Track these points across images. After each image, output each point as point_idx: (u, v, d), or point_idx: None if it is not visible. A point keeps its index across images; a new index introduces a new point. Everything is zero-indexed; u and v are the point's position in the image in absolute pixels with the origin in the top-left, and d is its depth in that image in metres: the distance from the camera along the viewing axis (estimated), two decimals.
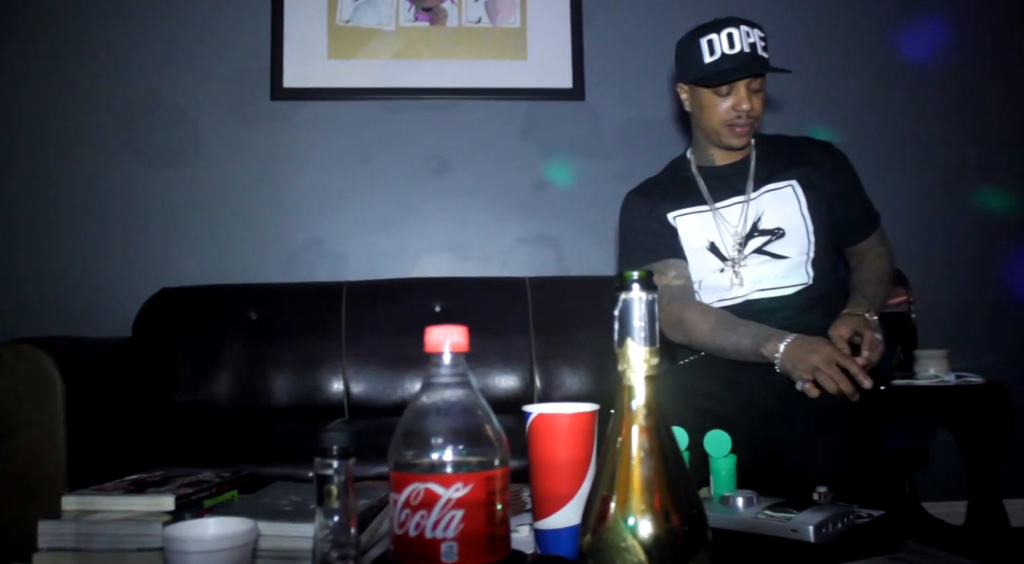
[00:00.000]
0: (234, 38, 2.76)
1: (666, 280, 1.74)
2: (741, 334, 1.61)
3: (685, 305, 1.71)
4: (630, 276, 0.64)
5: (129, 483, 1.09)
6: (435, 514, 0.65)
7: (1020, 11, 3.00)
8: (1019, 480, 2.74)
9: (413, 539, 0.66)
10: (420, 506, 0.66)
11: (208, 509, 1.04)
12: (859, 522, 0.99)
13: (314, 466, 0.74)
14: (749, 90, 1.67)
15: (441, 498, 0.65)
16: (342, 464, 0.73)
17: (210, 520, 0.81)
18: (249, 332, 2.47)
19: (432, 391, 0.69)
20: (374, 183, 2.77)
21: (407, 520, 0.66)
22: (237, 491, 1.14)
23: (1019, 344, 2.88)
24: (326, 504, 0.73)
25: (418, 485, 0.66)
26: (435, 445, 0.67)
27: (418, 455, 0.67)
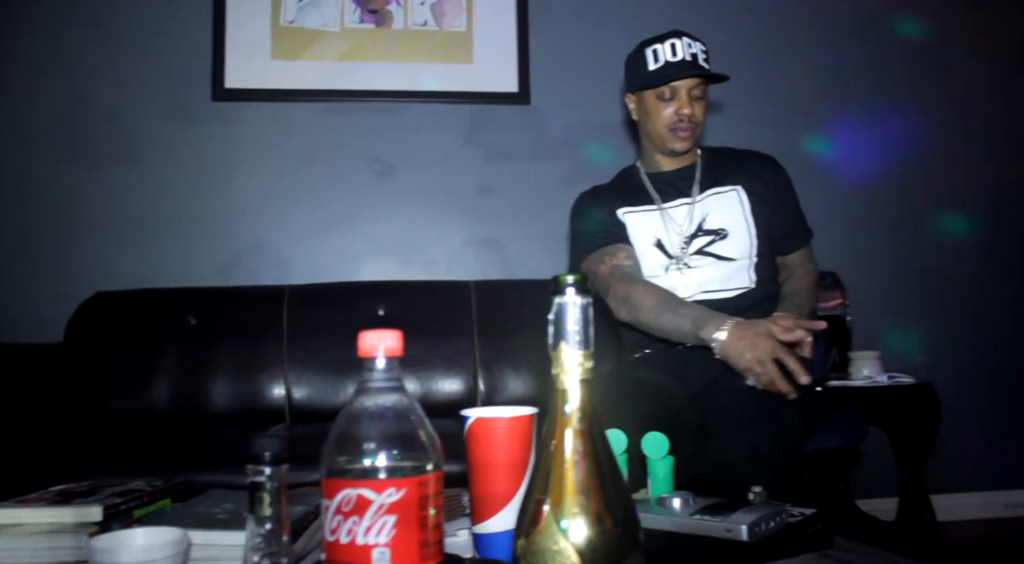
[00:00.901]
0: (174, 37, 2.70)
1: (616, 260, 1.78)
2: (682, 315, 1.64)
3: (633, 283, 1.74)
4: (564, 280, 0.64)
5: (55, 494, 1.05)
6: (367, 520, 0.64)
7: (960, 39, 3.10)
8: (945, 476, 2.83)
9: (344, 546, 0.65)
10: (352, 512, 0.65)
11: (138, 519, 1.02)
12: (791, 521, 1.01)
13: (246, 473, 0.73)
14: (691, 96, 1.76)
15: (373, 504, 0.65)
16: (274, 470, 0.72)
17: (139, 530, 0.79)
18: (188, 337, 2.42)
19: (366, 396, 0.69)
20: (318, 186, 2.74)
21: (339, 526, 0.65)
22: (170, 500, 1.12)
23: (945, 345, 2.98)
24: (258, 511, 0.72)
25: (350, 491, 0.65)
26: (367, 450, 0.66)
27: (350, 461, 0.66)
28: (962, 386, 2.89)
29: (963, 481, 2.94)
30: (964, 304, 3.03)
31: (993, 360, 3.01)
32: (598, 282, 1.80)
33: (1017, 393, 3.01)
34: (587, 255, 1.83)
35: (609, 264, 1.78)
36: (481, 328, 2.49)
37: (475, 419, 0.95)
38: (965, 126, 3.08)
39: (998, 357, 3.02)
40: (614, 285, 1.75)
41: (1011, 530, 2.83)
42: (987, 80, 3.11)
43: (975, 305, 3.03)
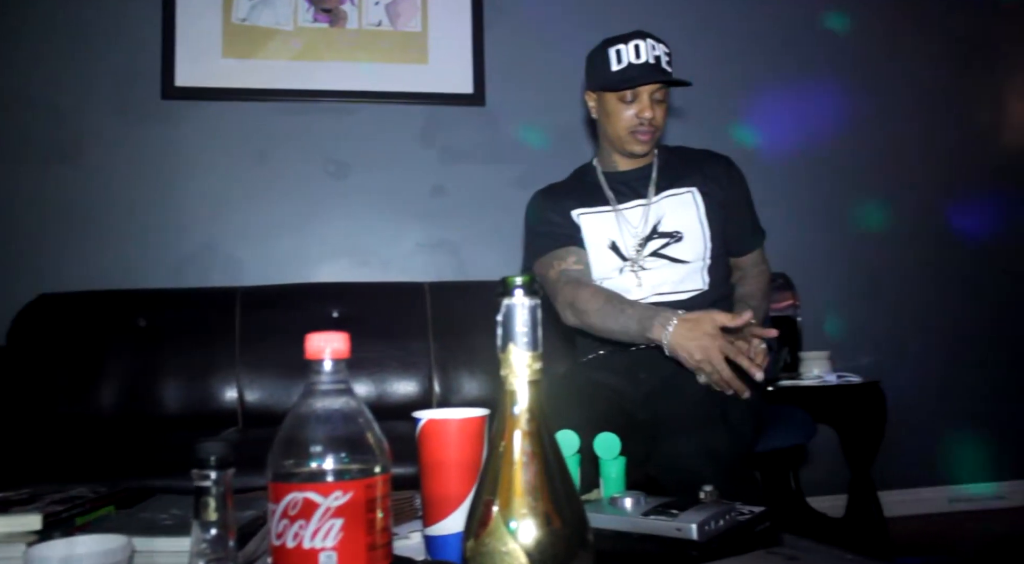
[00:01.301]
0: (122, 33, 2.64)
1: (565, 265, 1.78)
2: (628, 315, 1.64)
3: (579, 286, 1.74)
4: (512, 282, 0.64)
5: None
6: (314, 523, 0.64)
7: (898, 35, 3.18)
8: (892, 473, 2.90)
9: (291, 550, 0.64)
10: (298, 516, 0.64)
11: (81, 527, 0.99)
12: (740, 519, 1.02)
13: (192, 477, 0.72)
14: (652, 100, 1.75)
15: (320, 507, 0.64)
16: (220, 474, 0.71)
17: (79, 538, 0.77)
18: (137, 339, 2.38)
19: (313, 398, 0.68)
20: (271, 186, 2.71)
21: (285, 531, 0.64)
22: (114, 506, 1.09)
23: (892, 345, 3.05)
24: (203, 516, 0.71)
25: (296, 495, 0.64)
26: (314, 453, 0.65)
27: (297, 464, 0.65)
28: (908, 385, 2.96)
29: (909, 477, 3.01)
30: (911, 305, 3.10)
31: (938, 359, 3.09)
32: (547, 286, 1.79)
33: (960, 391, 3.10)
34: (538, 258, 1.83)
35: (558, 268, 1.78)
36: (436, 330, 2.48)
37: (427, 421, 0.95)
38: (918, 124, 3.16)
39: (943, 356, 3.10)
40: (561, 290, 1.75)
41: (954, 524, 2.91)
42: (938, 78, 3.19)
43: (922, 306, 3.11)
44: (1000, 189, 3.22)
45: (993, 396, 3.11)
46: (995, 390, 3.12)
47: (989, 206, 3.20)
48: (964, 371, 3.11)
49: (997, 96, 3.26)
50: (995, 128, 3.25)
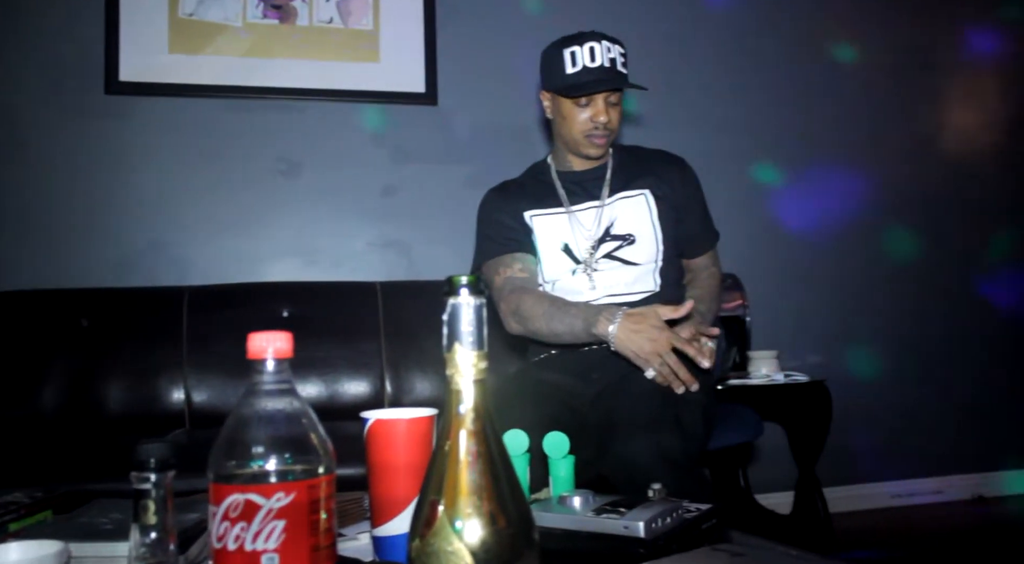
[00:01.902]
0: (65, 28, 2.57)
1: (511, 272, 1.78)
2: (572, 315, 1.65)
3: (523, 293, 1.74)
4: (458, 281, 0.64)
5: None
6: (255, 525, 0.63)
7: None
8: (837, 470, 2.97)
9: (232, 553, 0.63)
10: (240, 518, 0.63)
11: (15, 533, 0.96)
12: (687, 517, 1.04)
13: (131, 480, 0.70)
14: (607, 103, 1.74)
15: (262, 509, 0.63)
16: (160, 477, 0.70)
17: (12, 544, 0.75)
18: (80, 340, 2.32)
19: (255, 399, 0.67)
20: (220, 184, 2.66)
21: (226, 533, 0.63)
22: (51, 511, 1.06)
23: (837, 345, 3.12)
24: (143, 520, 0.69)
25: (238, 496, 0.63)
26: (256, 454, 0.64)
27: (239, 465, 0.65)
28: (853, 383, 3.03)
29: (853, 474, 3.08)
30: (857, 305, 3.17)
31: (881, 359, 3.17)
32: (492, 292, 1.79)
33: (901, 389, 3.18)
34: (485, 261, 1.83)
35: (503, 275, 1.78)
36: (388, 329, 2.47)
37: (374, 421, 0.94)
38: (850, 128, 3.23)
39: (886, 356, 3.18)
40: (505, 298, 1.75)
41: (896, 518, 2.99)
42: (881, 81, 3.27)
43: (867, 306, 3.18)
44: (944, 190, 3.31)
45: (932, 394, 3.20)
46: (934, 389, 3.21)
47: (934, 208, 3.29)
48: (905, 370, 3.19)
49: (936, 99, 3.35)
50: (940, 131, 3.34)
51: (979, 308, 3.30)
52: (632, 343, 1.55)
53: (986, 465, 3.24)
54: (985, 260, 3.33)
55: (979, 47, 3.38)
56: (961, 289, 3.29)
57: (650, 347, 1.53)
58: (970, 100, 3.38)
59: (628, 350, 1.56)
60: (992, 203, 3.36)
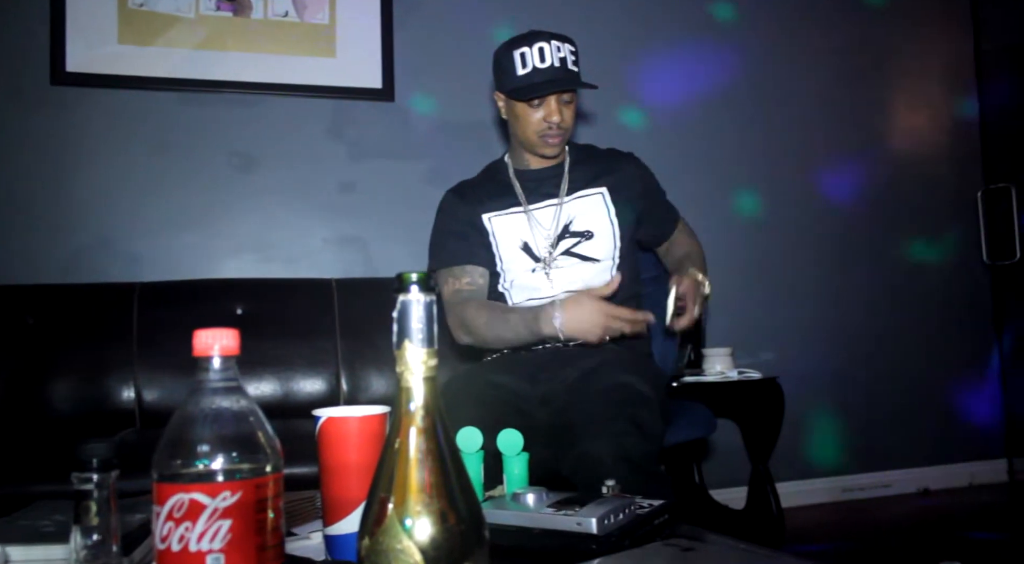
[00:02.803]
0: (8, 14, 2.50)
1: (459, 285, 1.80)
2: (513, 322, 1.69)
3: (466, 305, 1.76)
4: (408, 278, 0.64)
5: None
6: (200, 525, 0.62)
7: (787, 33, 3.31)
8: (791, 465, 3.02)
9: (176, 553, 0.62)
10: (184, 518, 0.62)
11: None
12: (640, 512, 1.04)
13: (71, 481, 0.69)
14: (560, 103, 1.74)
15: (207, 508, 0.62)
16: (103, 477, 0.69)
17: None
18: (25, 337, 2.27)
19: (201, 397, 0.66)
20: (171, 179, 2.61)
21: (170, 533, 0.62)
22: None
23: (791, 341, 3.17)
24: (84, 521, 0.68)
25: (182, 496, 0.62)
26: (201, 453, 0.63)
27: (184, 464, 0.63)
28: (804, 380, 3.09)
29: (805, 469, 3.14)
30: (810, 302, 3.23)
31: (832, 354, 3.23)
32: (443, 301, 1.81)
33: (852, 385, 3.24)
34: (438, 269, 1.84)
35: (452, 287, 1.79)
36: (344, 327, 2.45)
37: (326, 419, 0.94)
38: (821, 119, 3.29)
39: (836, 351, 3.24)
40: (452, 310, 1.77)
41: (847, 512, 3.05)
42: (824, 76, 3.33)
43: (819, 304, 3.24)
44: (903, 188, 3.38)
45: (881, 390, 3.28)
46: (883, 384, 3.28)
47: (892, 207, 3.35)
48: (856, 365, 3.26)
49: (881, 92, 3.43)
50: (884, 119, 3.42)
51: (932, 301, 3.38)
52: (578, 331, 1.61)
53: (932, 459, 3.32)
54: (935, 250, 3.41)
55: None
56: (909, 284, 3.36)
57: (600, 331, 1.59)
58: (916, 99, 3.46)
59: (577, 337, 1.62)
60: (947, 193, 3.44)
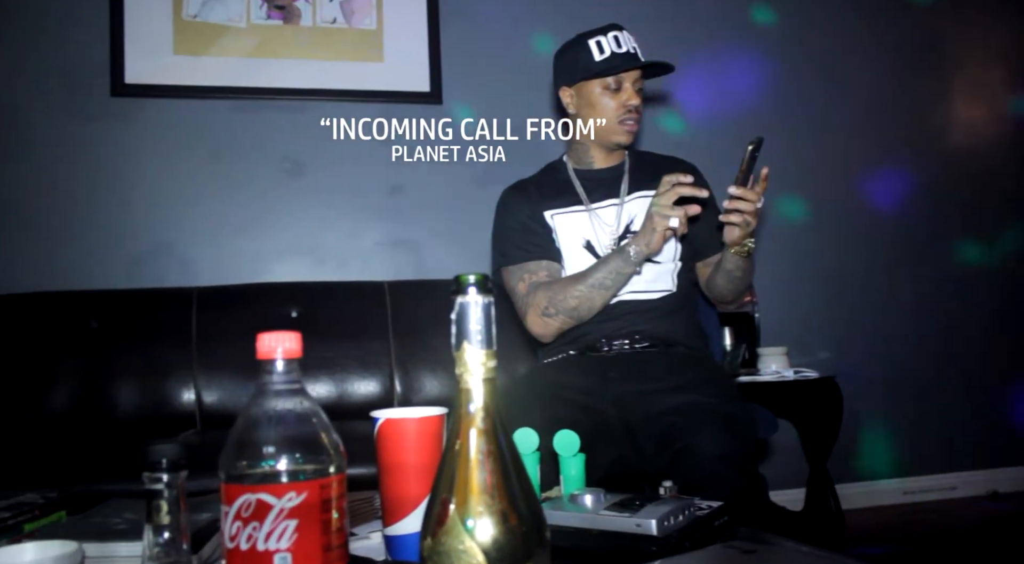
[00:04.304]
0: (70, 30, 2.58)
1: (537, 278, 1.78)
2: (598, 267, 1.68)
3: (548, 286, 1.74)
4: (466, 280, 0.64)
5: None
6: (267, 525, 0.63)
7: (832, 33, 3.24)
8: (849, 466, 2.95)
9: (245, 552, 0.63)
10: (252, 518, 0.63)
11: (29, 533, 0.97)
12: (699, 514, 1.03)
13: (143, 481, 0.70)
14: (634, 89, 1.76)
15: (273, 508, 0.63)
16: (172, 477, 0.70)
17: (27, 545, 0.75)
18: (90, 341, 2.33)
19: (265, 399, 0.67)
20: (226, 185, 2.67)
21: (238, 533, 0.63)
22: (65, 512, 1.06)
23: (847, 341, 3.11)
24: (155, 520, 0.70)
25: (249, 496, 0.63)
26: (267, 454, 0.64)
27: (250, 465, 0.65)
28: (863, 379, 3.02)
29: (865, 470, 3.07)
30: (867, 300, 3.16)
31: (891, 354, 3.15)
32: (515, 299, 1.79)
33: (912, 385, 3.16)
34: (507, 266, 1.82)
35: (528, 282, 1.77)
36: (396, 329, 2.47)
37: (384, 420, 0.94)
38: (868, 119, 3.22)
39: (895, 351, 3.16)
40: (530, 300, 1.75)
41: (908, 514, 2.97)
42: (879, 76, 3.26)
43: (877, 301, 3.17)
44: (957, 188, 3.29)
45: (945, 389, 3.19)
46: (946, 383, 3.19)
47: (946, 207, 3.27)
48: (916, 365, 3.17)
49: (943, 93, 3.34)
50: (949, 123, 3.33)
51: (994, 301, 3.28)
52: (647, 244, 1.61)
53: (1001, 460, 3.22)
54: (998, 251, 3.31)
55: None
56: (974, 282, 3.27)
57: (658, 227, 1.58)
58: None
59: (652, 248, 1.61)
60: (1003, 192, 3.34)
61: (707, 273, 1.85)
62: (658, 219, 1.58)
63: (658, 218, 1.58)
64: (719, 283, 1.77)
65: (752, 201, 1.57)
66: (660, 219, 1.58)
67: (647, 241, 1.61)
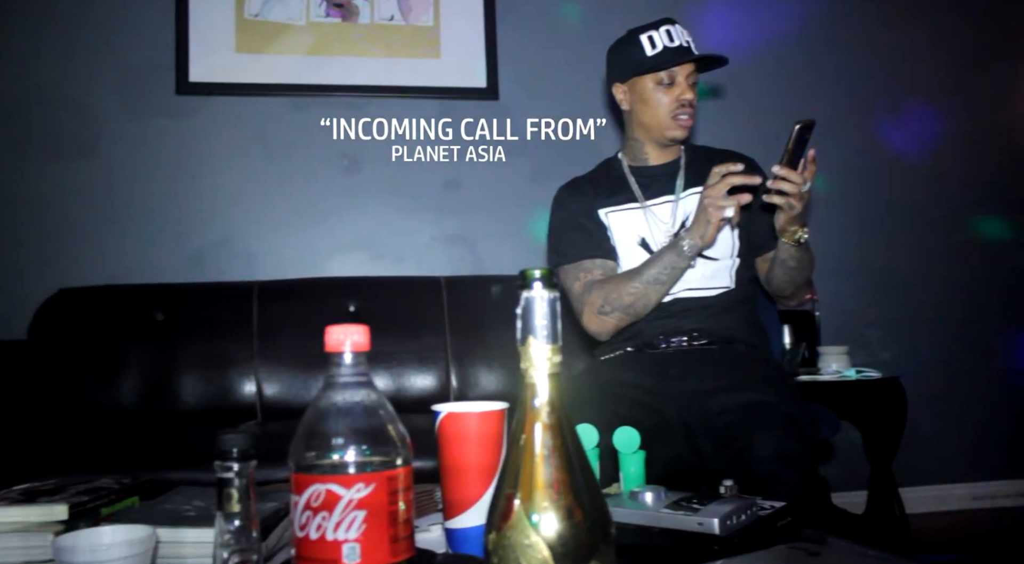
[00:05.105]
0: (136, 30, 2.66)
1: (592, 277, 1.77)
2: (658, 258, 1.67)
3: (603, 283, 1.74)
4: (532, 274, 0.64)
5: (18, 493, 1.03)
6: (336, 515, 0.64)
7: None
8: (913, 469, 2.88)
9: (314, 541, 0.64)
10: (321, 507, 0.64)
11: (106, 517, 1.00)
12: (762, 514, 1.02)
13: (214, 469, 0.72)
14: (688, 83, 1.74)
15: (342, 499, 0.64)
16: (243, 466, 0.72)
17: (105, 528, 0.78)
18: (155, 333, 2.39)
19: (333, 391, 0.68)
20: (284, 181, 2.72)
21: (308, 522, 0.65)
22: (138, 497, 1.10)
23: (912, 340, 3.02)
24: (226, 508, 0.71)
25: (319, 486, 0.64)
26: (336, 446, 0.65)
27: (319, 456, 0.66)
28: (928, 381, 2.93)
29: (931, 473, 2.98)
30: (930, 299, 3.07)
31: (957, 355, 3.06)
32: (571, 298, 1.78)
33: (980, 387, 3.06)
34: (563, 265, 1.81)
35: (583, 280, 1.76)
36: (453, 324, 2.49)
37: (446, 414, 0.95)
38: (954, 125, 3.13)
39: (961, 352, 3.07)
40: (586, 299, 1.74)
41: (977, 521, 2.88)
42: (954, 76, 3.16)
43: (941, 300, 3.08)
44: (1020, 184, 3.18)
45: (1016, 391, 3.08)
46: (1018, 385, 3.08)
47: (1010, 201, 3.16)
48: (984, 365, 3.07)
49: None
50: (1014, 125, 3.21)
51: None
52: (701, 236, 1.60)
53: None
54: None
55: None
56: None
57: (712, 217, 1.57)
58: None
59: (707, 238, 1.61)
60: None
61: (766, 268, 1.82)
62: (712, 210, 1.57)
63: (712, 209, 1.57)
64: (776, 275, 1.74)
65: (796, 183, 1.52)
66: (714, 211, 1.57)
67: (701, 234, 1.60)
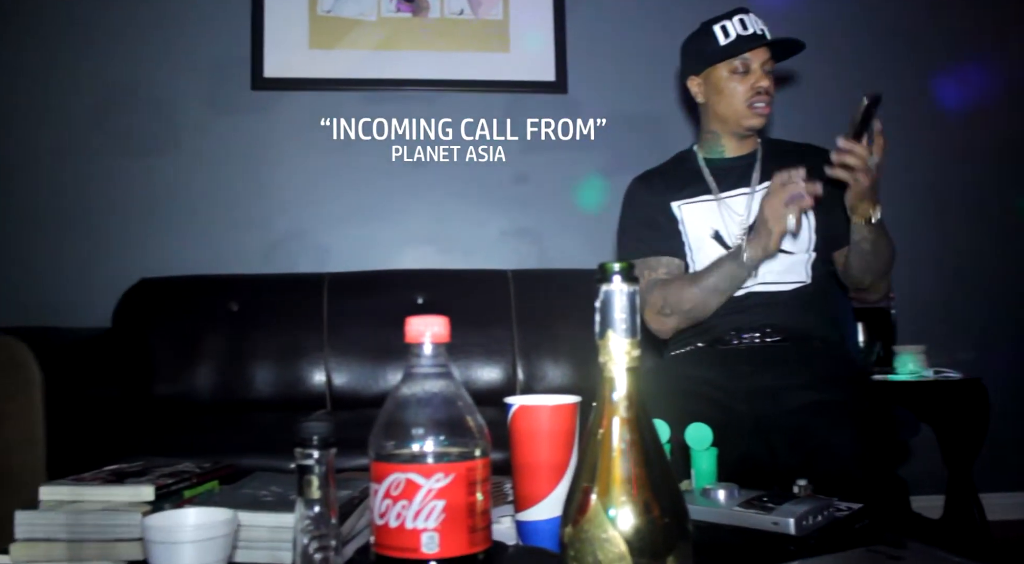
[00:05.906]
0: (214, 28, 2.73)
1: (656, 275, 1.76)
2: (713, 271, 1.66)
3: (665, 285, 1.72)
4: (611, 268, 0.64)
5: (108, 473, 1.07)
6: (416, 504, 0.65)
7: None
8: (995, 474, 2.77)
9: (394, 529, 0.66)
10: (401, 496, 0.65)
11: (188, 499, 1.04)
12: (838, 515, 1.00)
13: (295, 456, 0.74)
14: (763, 70, 1.72)
15: (422, 488, 0.65)
16: (323, 454, 0.73)
17: (190, 510, 0.80)
18: (230, 323, 2.46)
19: (413, 382, 0.69)
20: (355, 174, 2.76)
21: (388, 510, 0.66)
22: (218, 482, 1.13)
23: (995, 341, 2.91)
24: (306, 494, 0.72)
25: (399, 475, 0.65)
26: (416, 435, 0.66)
27: (399, 445, 0.67)
28: (1011, 382, 2.82)
29: (1013, 480, 2.87)
30: (1011, 298, 2.95)
31: None
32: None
33: None
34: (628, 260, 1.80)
35: (648, 278, 1.75)
36: (519, 317, 2.49)
37: (519, 406, 0.95)
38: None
39: None
40: (649, 297, 1.73)
41: None
42: None
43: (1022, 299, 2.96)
44: None
45: None
46: None
47: None
48: None
49: None
50: None
51: None
52: (758, 239, 1.58)
53: None
54: None
55: None
56: None
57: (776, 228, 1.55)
58: None
59: (769, 250, 1.58)
60: None
61: (843, 261, 1.78)
62: (773, 222, 1.55)
63: (773, 221, 1.55)
64: (853, 262, 1.70)
65: (861, 156, 1.49)
66: (775, 222, 1.54)
67: (764, 245, 1.58)
